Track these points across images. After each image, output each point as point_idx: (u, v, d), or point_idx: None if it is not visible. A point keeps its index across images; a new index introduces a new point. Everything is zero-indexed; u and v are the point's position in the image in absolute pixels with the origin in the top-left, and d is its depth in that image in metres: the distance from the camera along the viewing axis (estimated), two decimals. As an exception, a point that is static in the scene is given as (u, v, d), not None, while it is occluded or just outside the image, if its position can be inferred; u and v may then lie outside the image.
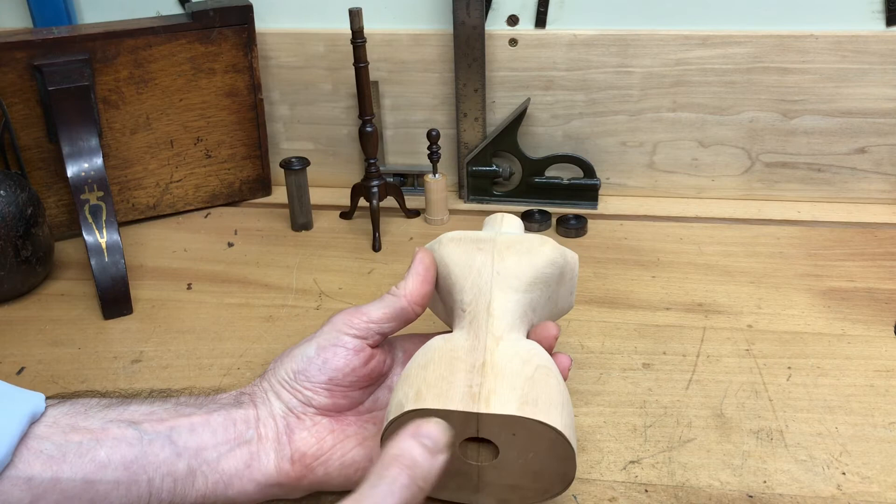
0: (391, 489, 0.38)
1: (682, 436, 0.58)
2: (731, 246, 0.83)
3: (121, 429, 0.46)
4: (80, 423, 0.46)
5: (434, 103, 0.93)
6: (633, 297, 0.75)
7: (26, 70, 0.81)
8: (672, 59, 0.86)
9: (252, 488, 0.48)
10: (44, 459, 0.44)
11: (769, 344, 0.67)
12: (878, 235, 0.84)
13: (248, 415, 0.49)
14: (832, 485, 0.53)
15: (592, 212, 0.90)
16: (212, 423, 0.48)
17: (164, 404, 0.49)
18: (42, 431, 0.45)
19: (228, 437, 0.48)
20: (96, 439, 0.45)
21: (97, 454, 0.45)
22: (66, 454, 0.44)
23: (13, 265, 0.75)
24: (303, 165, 0.86)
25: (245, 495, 0.48)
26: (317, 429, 0.49)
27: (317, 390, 0.49)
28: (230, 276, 0.81)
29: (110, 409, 0.48)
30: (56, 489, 0.44)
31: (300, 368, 0.50)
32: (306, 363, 0.50)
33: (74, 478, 0.44)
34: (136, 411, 0.48)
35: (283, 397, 0.50)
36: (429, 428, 0.41)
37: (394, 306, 0.51)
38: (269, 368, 0.52)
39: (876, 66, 0.83)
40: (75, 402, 0.48)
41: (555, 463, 0.46)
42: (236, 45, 0.88)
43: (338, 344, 0.50)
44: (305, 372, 0.50)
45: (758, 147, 0.89)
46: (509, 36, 0.88)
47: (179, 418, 0.48)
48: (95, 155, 0.79)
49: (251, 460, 0.48)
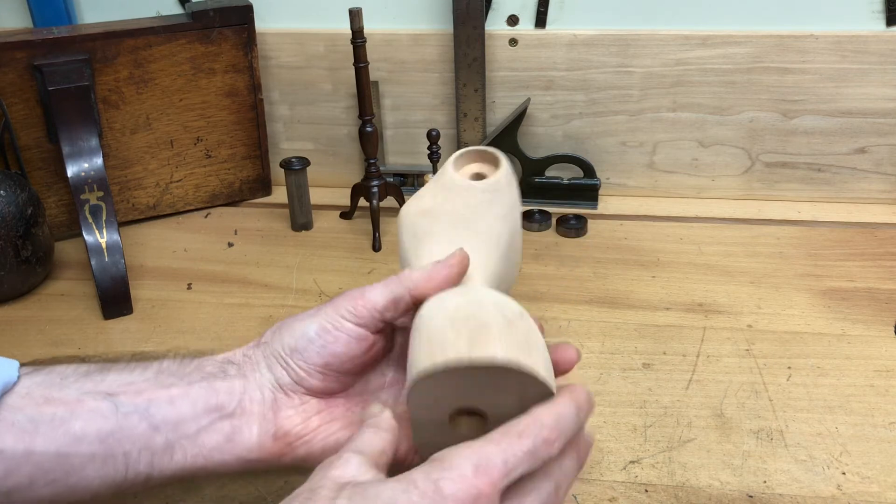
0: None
1: (683, 436, 0.58)
2: (732, 246, 0.83)
3: (96, 401, 0.45)
4: (54, 394, 0.45)
5: (434, 103, 0.93)
6: (633, 297, 0.75)
7: (26, 70, 0.81)
8: (672, 59, 0.86)
9: (232, 461, 0.47)
10: (16, 432, 0.43)
11: (769, 344, 0.67)
12: (879, 235, 0.84)
13: (232, 386, 0.47)
14: (832, 485, 0.53)
15: (592, 212, 0.90)
16: (192, 395, 0.47)
17: (145, 373, 0.48)
18: (15, 402, 0.44)
19: (209, 409, 0.46)
20: (71, 411, 0.44)
21: (71, 427, 0.44)
22: (39, 426, 0.43)
23: (13, 265, 0.75)
24: (303, 165, 0.86)
25: (225, 467, 0.47)
26: (304, 408, 0.48)
27: (311, 372, 0.48)
28: (230, 276, 0.81)
29: (87, 379, 0.46)
30: (29, 461, 0.43)
31: (298, 347, 0.48)
32: (305, 343, 0.48)
33: (48, 451, 0.43)
34: (114, 381, 0.46)
35: (274, 371, 0.48)
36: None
37: (395, 294, 0.48)
38: (264, 339, 0.50)
39: (876, 66, 0.83)
40: (51, 371, 0.47)
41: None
42: (236, 45, 0.88)
43: (340, 329, 0.48)
44: (303, 352, 0.48)
45: (758, 147, 0.89)
46: (509, 36, 0.88)
47: (158, 390, 0.46)
48: (95, 155, 0.79)
49: (233, 433, 0.47)
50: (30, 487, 0.43)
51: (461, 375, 0.41)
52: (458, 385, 0.42)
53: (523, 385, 0.42)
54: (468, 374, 0.41)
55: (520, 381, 0.41)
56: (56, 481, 0.44)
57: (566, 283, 0.77)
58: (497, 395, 0.43)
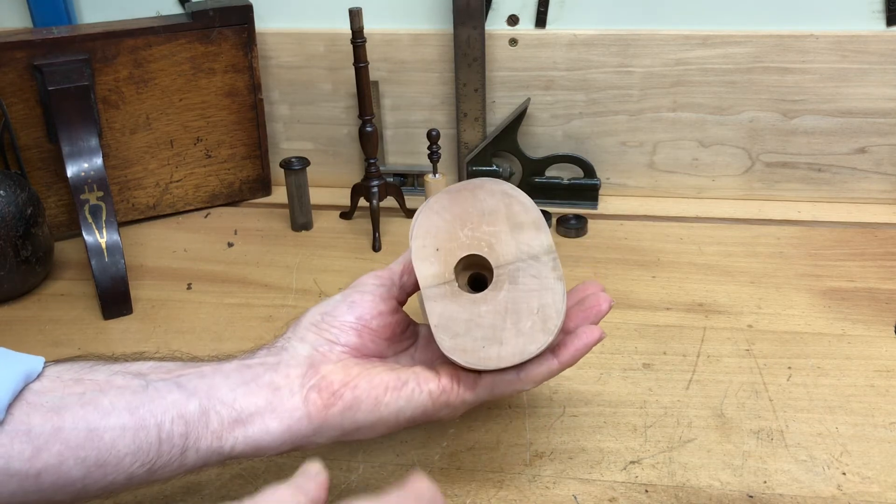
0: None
1: (683, 436, 0.58)
2: (732, 246, 0.83)
3: (125, 379, 0.45)
4: (84, 376, 0.45)
5: (434, 103, 0.93)
6: (633, 297, 0.75)
7: (26, 70, 0.81)
8: (672, 58, 0.86)
9: (276, 426, 0.45)
10: (43, 412, 0.43)
11: (769, 344, 0.67)
12: (879, 235, 0.84)
13: (265, 360, 0.48)
14: (832, 485, 0.53)
15: (592, 212, 0.90)
16: (223, 370, 0.47)
17: (172, 362, 0.49)
18: (44, 386, 0.44)
19: (244, 379, 0.47)
20: (99, 389, 0.44)
21: (100, 402, 0.43)
22: (68, 404, 0.43)
23: (13, 265, 0.75)
24: (303, 165, 0.86)
25: (269, 433, 0.45)
26: (342, 363, 0.49)
27: (344, 328, 0.50)
28: (230, 276, 0.81)
29: (116, 364, 0.47)
30: (58, 439, 0.42)
31: (327, 311, 0.51)
32: (332, 306, 0.51)
33: (77, 427, 0.43)
34: (142, 365, 0.47)
35: (308, 339, 0.50)
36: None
37: (409, 259, 0.52)
38: (292, 324, 0.52)
39: (876, 65, 0.83)
40: (79, 360, 0.47)
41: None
42: (236, 44, 0.88)
43: (364, 290, 0.51)
44: (333, 312, 0.50)
45: (758, 147, 0.89)
46: (509, 36, 0.88)
47: (188, 368, 0.47)
48: (95, 155, 0.78)
49: (272, 397, 0.46)
50: (60, 466, 0.42)
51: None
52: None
53: (544, 277, 0.49)
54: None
55: (545, 271, 0.50)
56: (86, 459, 0.43)
57: (566, 283, 0.77)
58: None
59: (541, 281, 0.49)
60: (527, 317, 0.48)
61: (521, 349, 0.47)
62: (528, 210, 0.52)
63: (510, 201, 0.52)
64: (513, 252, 0.50)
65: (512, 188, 0.53)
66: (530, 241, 0.50)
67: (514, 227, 0.51)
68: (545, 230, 0.51)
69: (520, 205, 0.52)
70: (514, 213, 0.52)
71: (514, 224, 0.51)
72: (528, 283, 0.49)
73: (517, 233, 0.51)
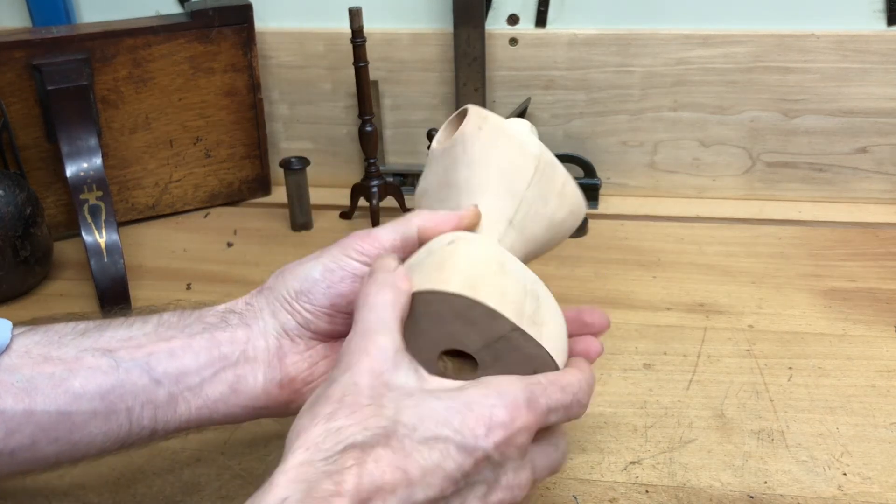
0: (380, 300, 0.41)
1: (683, 436, 0.58)
2: (732, 246, 0.82)
3: (95, 358, 0.45)
4: (52, 352, 0.45)
5: (434, 103, 0.92)
6: (633, 297, 0.74)
7: (25, 70, 0.80)
8: (673, 58, 0.86)
9: (238, 411, 0.46)
10: (15, 392, 0.43)
11: (770, 344, 0.67)
12: (880, 235, 0.84)
13: (234, 336, 0.47)
14: (833, 485, 0.53)
15: (593, 212, 0.90)
16: (194, 347, 0.46)
17: (144, 327, 0.47)
18: (13, 362, 0.44)
19: (212, 360, 0.46)
20: (69, 370, 0.44)
21: (71, 385, 0.43)
22: (38, 386, 0.43)
23: (12, 265, 0.75)
24: (302, 165, 0.86)
25: (231, 418, 0.47)
26: (310, 353, 0.48)
27: (318, 314, 0.47)
28: (230, 276, 0.81)
29: (85, 337, 0.46)
30: (31, 421, 0.43)
31: (303, 289, 0.47)
32: (310, 284, 0.47)
33: (49, 409, 0.43)
34: (112, 337, 0.46)
35: (279, 317, 0.47)
36: (380, 263, 0.44)
37: (403, 232, 0.47)
38: (267, 285, 0.49)
39: (877, 65, 0.83)
40: (49, 330, 0.46)
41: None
42: (235, 44, 0.88)
43: (345, 269, 0.47)
44: (308, 293, 0.47)
45: (759, 147, 0.89)
46: (509, 35, 0.88)
47: (158, 343, 0.46)
48: (94, 155, 0.78)
49: (237, 383, 0.46)
50: (33, 447, 0.43)
51: (464, 306, 0.42)
52: (455, 318, 0.42)
53: (525, 348, 0.42)
54: (469, 308, 0.41)
55: (521, 342, 0.42)
56: (59, 440, 0.43)
57: (567, 283, 0.77)
58: (494, 347, 0.43)
59: (523, 352, 0.43)
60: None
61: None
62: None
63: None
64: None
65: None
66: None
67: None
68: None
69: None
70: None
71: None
72: (512, 356, 0.44)
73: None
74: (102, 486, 0.55)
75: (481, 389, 0.38)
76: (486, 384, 0.39)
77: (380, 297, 0.41)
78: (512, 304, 0.42)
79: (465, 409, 0.37)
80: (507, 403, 0.38)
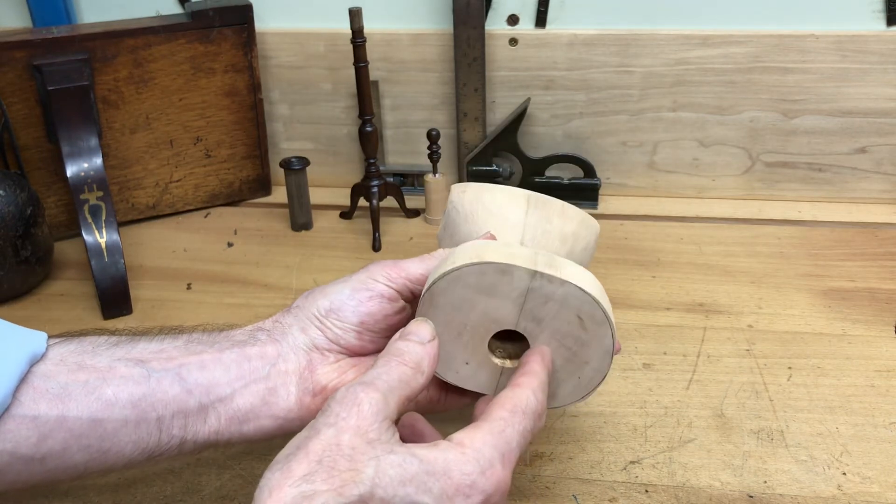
0: (391, 370, 0.42)
1: (683, 436, 0.58)
2: (732, 246, 0.83)
3: (128, 367, 0.45)
4: (86, 361, 0.45)
5: (434, 103, 0.92)
6: (633, 297, 0.75)
7: (26, 70, 0.81)
8: (672, 58, 0.86)
9: (270, 424, 0.47)
10: (49, 398, 0.43)
11: (770, 344, 0.67)
12: (879, 235, 0.84)
13: (264, 351, 0.48)
14: (833, 485, 0.53)
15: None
16: (224, 361, 0.47)
17: (175, 342, 0.48)
18: (48, 370, 0.44)
19: (243, 373, 0.47)
20: (102, 378, 0.45)
21: (104, 392, 0.44)
22: (72, 393, 0.44)
23: (12, 265, 0.75)
24: (303, 165, 0.86)
25: (262, 431, 0.47)
26: (339, 365, 0.49)
27: (347, 330, 0.49)
28: (230, 276, 0.81)
29: (118, 348, 0.47)
30: (63, 427, 0.43)
31: (333, 307, 0.49)
32: (340, 303, 0.49)
33: (81, 416, 0.43)
34: (144, 349, 0.47)
35: (309, 332, 0.49)
36: (415, 328, 0.45)
37: (428, 268, 0.50)
38: (296, 304, 0.51)
39: (876, 65, 0.83)
40: (83, 341, 0.47)
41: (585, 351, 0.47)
42: (236, 44, 0.88)
43: (372, 290, 0.49)
44: (339, 311, 0.49)
45: (758, 147, 0.89)
46: (509, 36, 0.88)
47: (189, 356, 0.47)
48: (95, 155, 0.78)
49: (268, 396, 0.47)
50: (64, 453, 0.44)
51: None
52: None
53: (555, 294, 0.45)
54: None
55: (547, 288, 0.44)
56: (90, 447, 0.44)
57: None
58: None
59: (556, 301, 0.45)
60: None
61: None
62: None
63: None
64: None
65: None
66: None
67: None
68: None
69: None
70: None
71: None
72: (549, 311, 0.46)
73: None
74: (103, 486, 0.55)
75: (457, 452, 0.39)
76: (461, 443, 0.40)
77: (399, 369, 0.42)
78: (522, 258, 0.45)
79: (444, 475, 0.38)
80: (484, 469, 0.39)
